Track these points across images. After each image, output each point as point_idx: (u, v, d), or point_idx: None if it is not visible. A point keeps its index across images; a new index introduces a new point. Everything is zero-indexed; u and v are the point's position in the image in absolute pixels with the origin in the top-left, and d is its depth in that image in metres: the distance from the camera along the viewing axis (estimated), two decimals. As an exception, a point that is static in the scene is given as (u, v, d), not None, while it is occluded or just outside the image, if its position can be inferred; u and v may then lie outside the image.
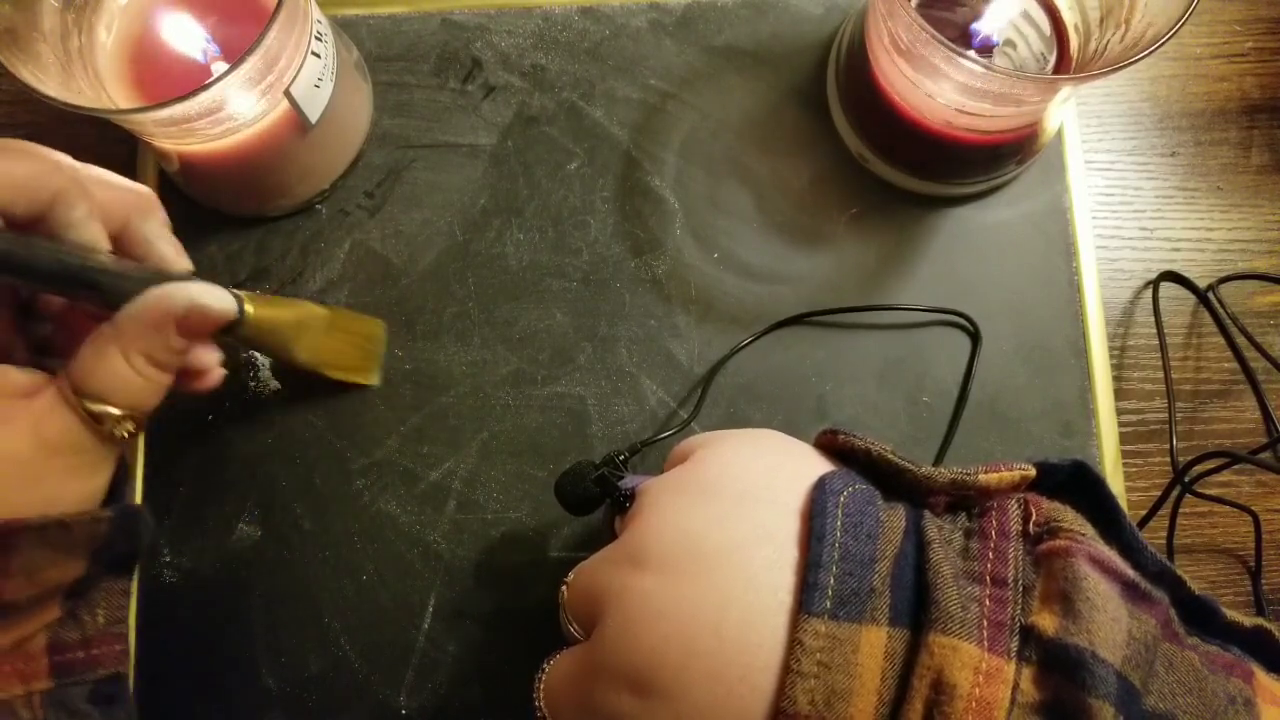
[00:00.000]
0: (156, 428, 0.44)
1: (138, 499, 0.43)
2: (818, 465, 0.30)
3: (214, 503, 0.43)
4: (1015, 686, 0.23)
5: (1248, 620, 0.28)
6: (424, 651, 0.42)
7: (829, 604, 0.25)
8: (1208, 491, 0.44)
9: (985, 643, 0.24)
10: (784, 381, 0.44)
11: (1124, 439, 0.45)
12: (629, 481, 0.34)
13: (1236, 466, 0.43)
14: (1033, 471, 0.28)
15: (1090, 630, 0.24)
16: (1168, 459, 0.44)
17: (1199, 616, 0.28)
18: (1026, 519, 0.27)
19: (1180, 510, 0.44)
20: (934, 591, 0.25)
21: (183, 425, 0.44)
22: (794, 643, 0.24)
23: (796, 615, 0.25)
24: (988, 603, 0.25)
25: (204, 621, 0.42)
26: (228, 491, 0.43)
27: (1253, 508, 0.44)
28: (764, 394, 0.44)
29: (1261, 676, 0.26)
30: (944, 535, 0.27)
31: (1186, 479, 0.42)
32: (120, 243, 0.32)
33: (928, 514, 0.28)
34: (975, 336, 0.44)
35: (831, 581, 0.25)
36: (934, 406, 0.44)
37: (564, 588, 0.31)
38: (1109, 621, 0.24)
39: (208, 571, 0.43)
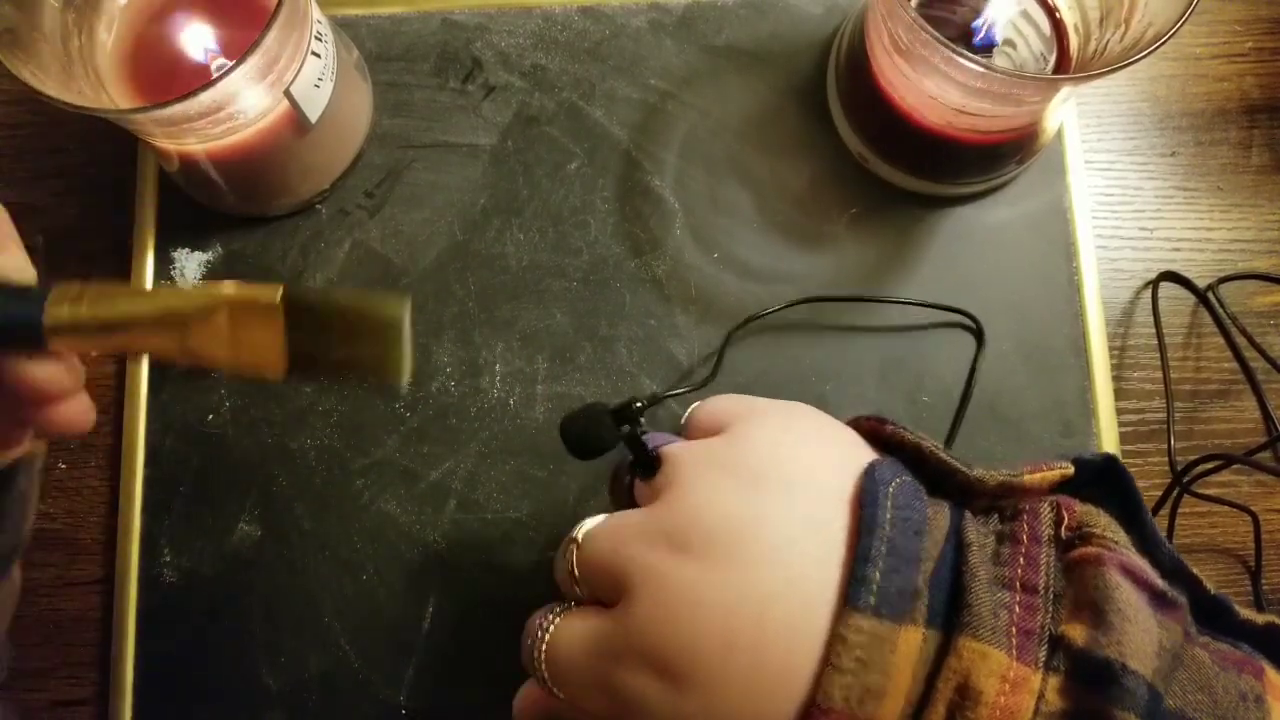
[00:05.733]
0: (157, 427, 0.44)
1: (137, 499, 0.43)
2: (862, 451, 0.29)
3: (214, 503, 0.43)
4: (1040, 696, 0.23)
5: (1260, 618, 0.28)
6: (424, 651, 0.42)
7: (873, 600, 0.24)
8: (1207, 491, 0.44)
9: (1014, 651, 0.24)
10: (784, 381, 0.44)
11: (1124, 439, 0.45)
12: (654, 440, 0.32)
13: (1237, 466, 0.43)
14: (1072, 470, 0.28)
15: (1121, 642, 0.23)
16: (1167, 459, 0.44)
17: (1212, 615, 0.27)
18: (1059, 523, 0.27)
19: (1180, 510, 0.44)
20: (968, 595, 0.25)
21: (183, 425, 0.44)
22: (835, 637, 0.24)
23: (841, 608, 0.24)
24: (1018, 610, 0.25)
25: (204, 621, 0.42)
26: (228, 491, 0.43)
27: (1252, 508, 0.44)
28: (764, 394, 0.44)
29: (1271, 674, 0.26)
30: (981, 539, 0.26)
31: (1185, 479, 0.42)
32: None
33: (968, 515, 0.27)
34: (979, 336, 0.44)
35: (877, 577, 0.24)
36: (934, 406, 0.44)
37: (573, 546, 0.29)
38: (1140, 633, 0.24)
39: (208, 571, 0.43)
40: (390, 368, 0.30)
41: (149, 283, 0.45)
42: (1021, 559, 0.26)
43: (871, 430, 0.30)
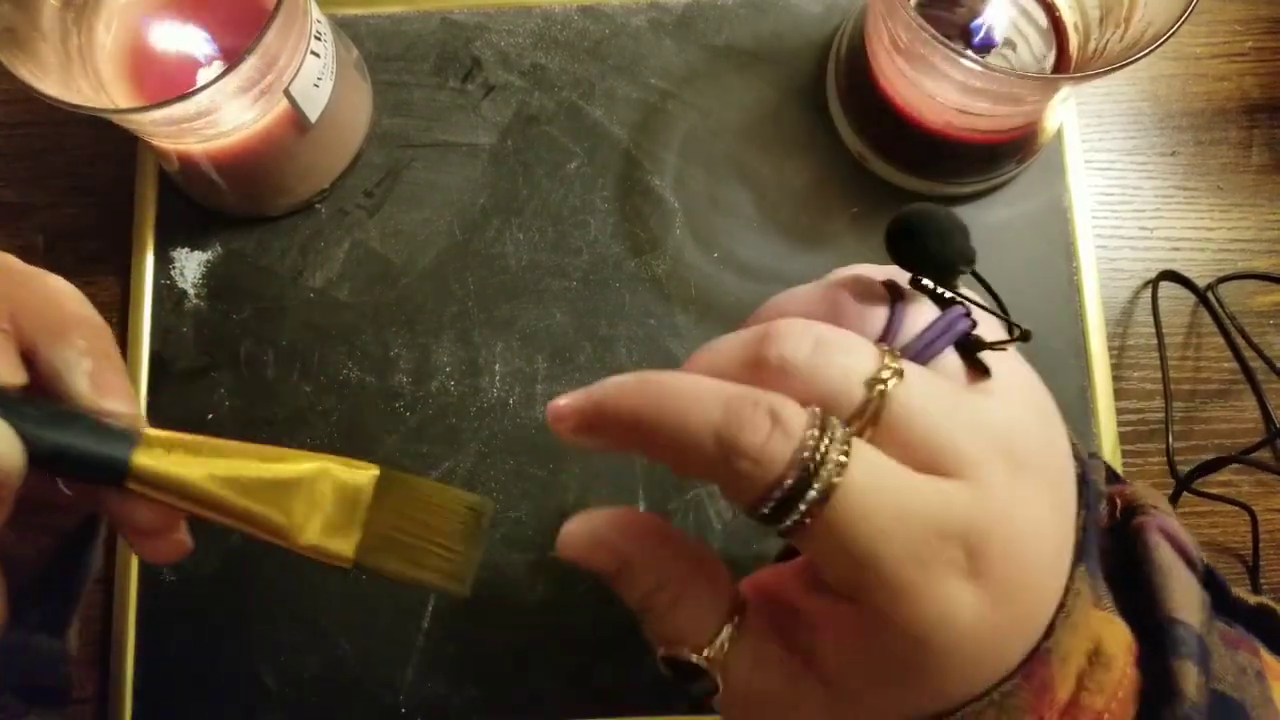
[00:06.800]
0: (157, 426, 0.44)
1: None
2: None
3: (214, 502, 0.43)
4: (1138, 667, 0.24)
5: (1252, 598, 0.28)
6: (424, 651, 0.42)
7: (1080, 555, 0.24)
8: (1207, 490, 0.44)
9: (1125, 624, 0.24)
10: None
11: (1124, 439, 0.44)
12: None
13: (1236, 465, 0.43)
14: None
15: (1169, 599, 0.24)
16: (1166, 459, 0.44)
17: (1211, 593, 0.28)
18: (1112, 511, 0.27)
19: (1180, 509, 0.44)
20: (1090, 562, 0.25)
21: (183, 425, 0.44)
22: (1070, 590, 0.23)
23: (1076, 559, 0.23)
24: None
25: (204, 621, 0.42)
26: (227, 491, 0.43)
27: (1252, 506, 0.44)
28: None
29: (1265, 655, 0.26)
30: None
31: (1184, 479, 0.42)
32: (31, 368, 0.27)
33: None
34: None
35: (1080, 525, 0.24)
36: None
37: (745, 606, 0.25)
38: (1183, 588, 0.25)
39: (208, 571, 0.43)
40: (457, 568, 0.28)
41: (148, 283, 0.45)
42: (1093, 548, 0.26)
43: None
